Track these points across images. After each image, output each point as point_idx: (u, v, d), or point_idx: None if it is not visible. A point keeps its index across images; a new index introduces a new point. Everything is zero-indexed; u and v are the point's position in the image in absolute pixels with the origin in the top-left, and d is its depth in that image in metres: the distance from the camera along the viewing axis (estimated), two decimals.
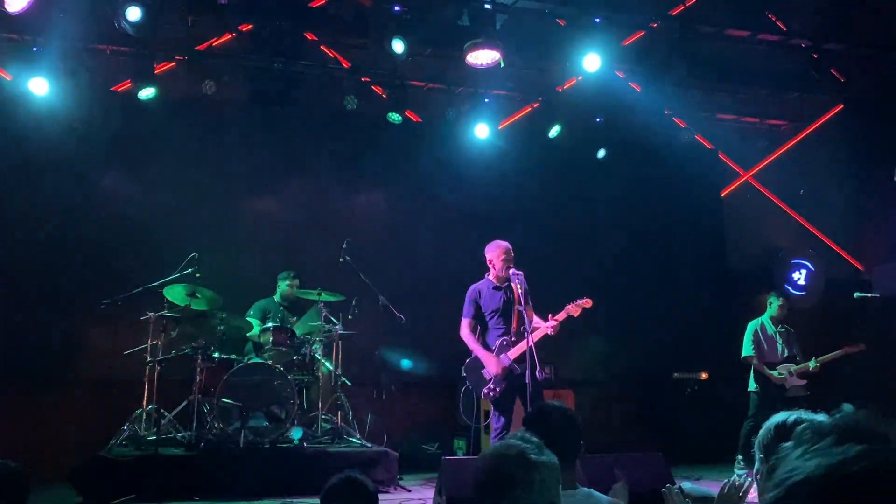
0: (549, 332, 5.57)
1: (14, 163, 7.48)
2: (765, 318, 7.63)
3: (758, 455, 2.09)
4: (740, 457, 7.16)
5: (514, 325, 5.61)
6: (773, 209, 10.27)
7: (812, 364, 7.30)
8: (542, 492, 1.97)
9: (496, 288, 5.75)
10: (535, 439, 2.15)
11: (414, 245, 8.49)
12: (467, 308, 5.77)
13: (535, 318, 5.62)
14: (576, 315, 5.60)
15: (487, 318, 5.72)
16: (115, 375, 7.04)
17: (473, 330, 5.78)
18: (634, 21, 8.49)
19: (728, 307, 9.65)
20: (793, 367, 7.32)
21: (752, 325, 7.65)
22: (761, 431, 2.11)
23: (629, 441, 8.26)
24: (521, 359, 5.53)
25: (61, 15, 7.23)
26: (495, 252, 5.74)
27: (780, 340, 7.49)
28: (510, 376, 5.56)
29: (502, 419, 5.54)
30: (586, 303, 5.61)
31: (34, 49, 7.30)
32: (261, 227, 8.23)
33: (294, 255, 7.80)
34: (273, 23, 8.03)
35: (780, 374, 7.34)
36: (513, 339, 5.60)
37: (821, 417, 2.03)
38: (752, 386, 7.50)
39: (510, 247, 5.74)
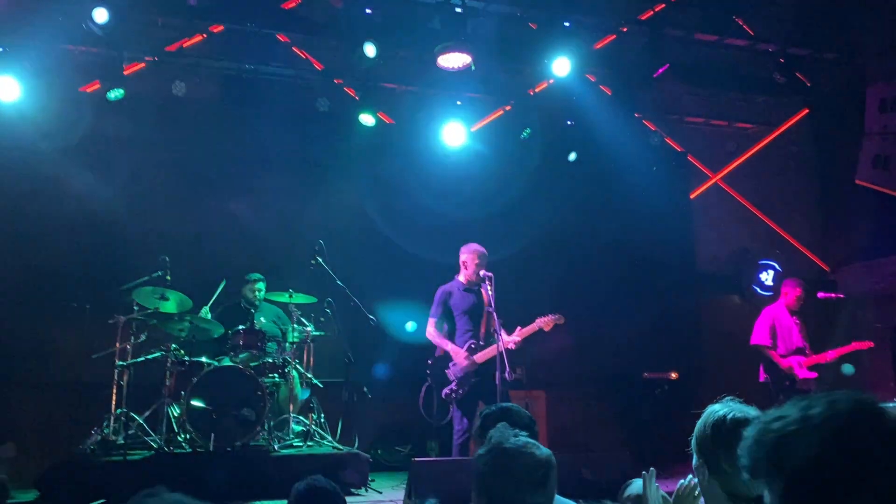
0: (510, 347, 5.46)
1: None
2: (780, 306, 7.45)
3: (695, 453, 2.04)
4: None
5: (482, 329, 5.67)
6: (741, 211, 10.43)
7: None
8: (553, 488, 1.99)
9: (467, 290, 5.81)
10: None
11: (386, 246, 8.49)
12: (434, 308, 5.85)
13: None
14: (546, 329, 5.65)
15: (456, 319, 5.78)
16: (83, 379, 6.94)
17: (439, 328, 5.83)
18: (604, 25, 8.58)
19: (697, 308, 9.80)
20: (801, 359, 7.17)
21: (767, 312, 7.44)
22: (698, 427, 2.05)
23: (601, 440, 8.36)
24: (487, 363, 5.59)
25: (28, 15, 7.14)
26: (469, 254, 5.80)
27: (794, 330, 7.32)
28: (474, 379, 5.63)
29: (465, 420, 5.59)
30: (559, 319, 5.66)
31: (0, 49, 7.20)
32: (232, 229, 8.17)
33: (265, 256, 7.77)
34: (244, 24, 8.00)
35: (789, 365, 7.15)
36: (481, 343, 5.66)
37: (753, 412, 2.02)
38: (762, 376, 7.34)
39: (485, 251, 5.79)
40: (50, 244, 7.45)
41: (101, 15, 6.65)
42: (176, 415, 6.34)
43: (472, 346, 5.70)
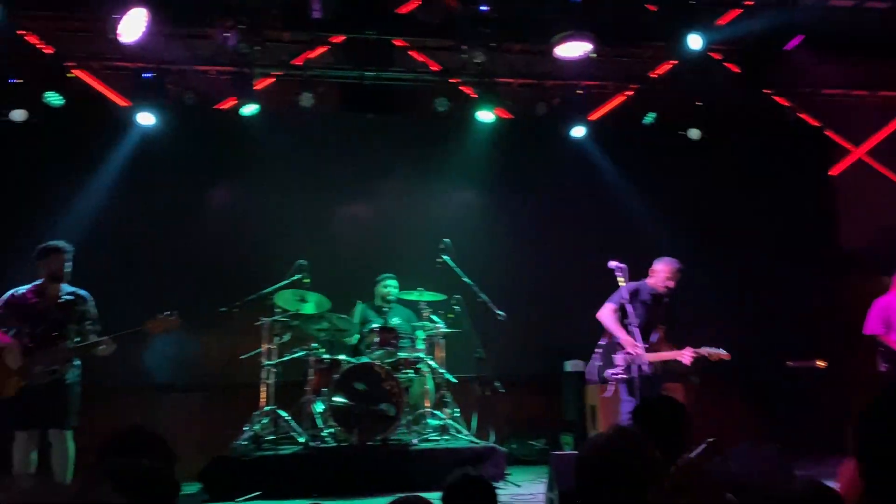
0: (682, 361, 5.87)
1: (132, 181, 7.96)
2: (893, 295, 7.27)
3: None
4: None
5: (651, 336, 5.92)
6: (889, 186, 9.69)
7: None
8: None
9: (651, 293, 6.05)
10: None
11: (511, 242, 8.51)
12: (617, 295, 5.87)
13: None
14: (712, 359, 5.88)
15: (630, 315, 5.82)
16: (235, 379, 7.41)
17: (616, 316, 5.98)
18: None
19: (842, 290, 9.18)
20: None
21: (879, 302, 7.31)
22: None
23: (744, 434, 8.00)
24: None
25: (169, 42, 7.69)
26: (664, 266, 6.05)
27: None
28: (642, 371, 5.77)
29: (631, 405, 5.72)
30: (724, 355, 5.81)
31: (144, 76, 7.79)
32: (361, 232, 8.46)
33: (394, 256, 7.98)
34: (363, 32, 8.23)
35: None
36: (646, 345, 5.77)
37: None
38: (882, 367, 7.13)
39: (678, 266, 6.02)
40: (198, 256, 7.98)
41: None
42: (320, 411, 6.64)
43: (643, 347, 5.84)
